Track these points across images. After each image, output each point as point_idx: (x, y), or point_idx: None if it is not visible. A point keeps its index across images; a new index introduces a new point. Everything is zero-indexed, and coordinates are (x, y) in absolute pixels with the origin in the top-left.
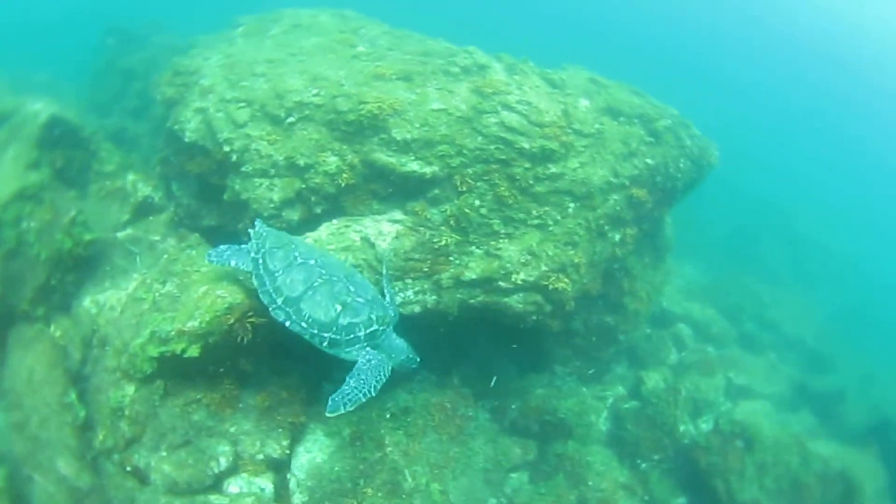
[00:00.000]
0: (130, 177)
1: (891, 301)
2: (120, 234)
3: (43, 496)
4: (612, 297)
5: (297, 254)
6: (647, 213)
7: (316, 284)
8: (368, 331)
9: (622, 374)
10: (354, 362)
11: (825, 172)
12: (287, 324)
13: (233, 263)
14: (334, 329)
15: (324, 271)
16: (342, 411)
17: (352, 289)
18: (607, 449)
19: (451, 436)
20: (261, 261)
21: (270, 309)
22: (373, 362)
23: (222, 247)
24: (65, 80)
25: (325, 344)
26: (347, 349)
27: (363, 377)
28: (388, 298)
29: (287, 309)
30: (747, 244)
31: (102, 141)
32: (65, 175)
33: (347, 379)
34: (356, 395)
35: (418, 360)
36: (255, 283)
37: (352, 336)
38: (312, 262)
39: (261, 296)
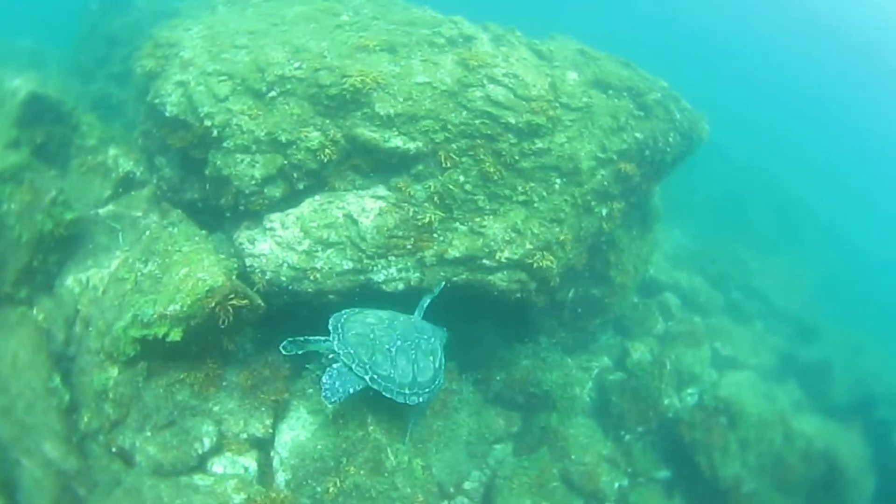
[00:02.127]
0: (112, 151)
1: (879, 273)
2: (101, 211)
3: (30, 481)
4: (599, 269)
5: (388, 346)
6: (636, 187)
7: (413, 358)
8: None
9: (608, 343)
10: None
11: (816, 141)
12: (420, 400)
13: (352, 391)
14: (439, 375)
15: (409, 343)
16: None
17: (425, 336)
18: (591, 420)
19: (435, 410)
20: (376, 377)
21: (408, 400)
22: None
23: (325, 380)
24: (49, 46)
25: (438, 390)
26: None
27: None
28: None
29: (415, 391)
30: (736, 210)
31: (84, 114)
32: (45, 152)
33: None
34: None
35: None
36: (388, 394)
37: (442, 367)
38: (399, 342)
39: (395, 398)
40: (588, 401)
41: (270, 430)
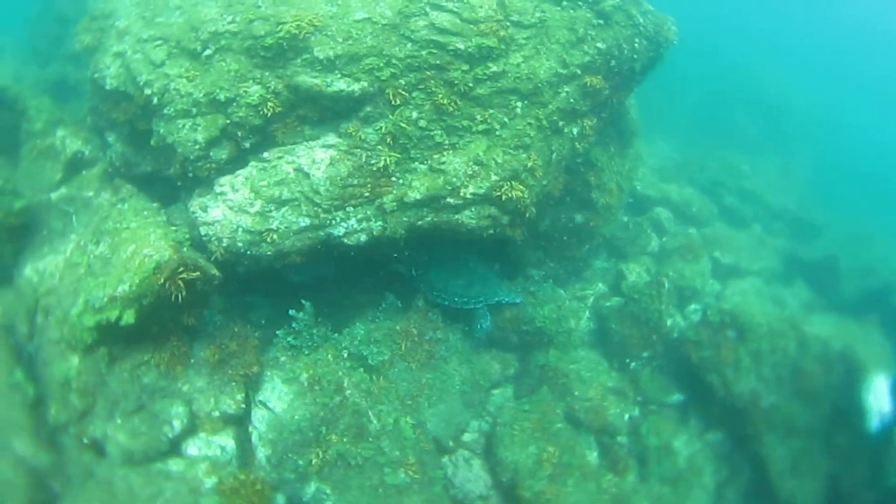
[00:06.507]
0: (60, 132)
1: (871, 156)
2: (54, 195)
3: (1, 481)
4: (579, 193)
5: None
6: (606, 101)
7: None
8: None
9: (602, 268)
10: None
11: (792, 32)
12: None
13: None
14: None
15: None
16: None
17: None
18: (592, 352)
19: (422, 362)
20: None
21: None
22: None
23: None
24: (3, 34)
25: None
26: None
27: None
28: None
29: None
30: (719, 114)
31: (33, 98)
32: None
33: None
34: None
35: None
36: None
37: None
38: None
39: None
40: (586, 331)
41: (243, 406)
